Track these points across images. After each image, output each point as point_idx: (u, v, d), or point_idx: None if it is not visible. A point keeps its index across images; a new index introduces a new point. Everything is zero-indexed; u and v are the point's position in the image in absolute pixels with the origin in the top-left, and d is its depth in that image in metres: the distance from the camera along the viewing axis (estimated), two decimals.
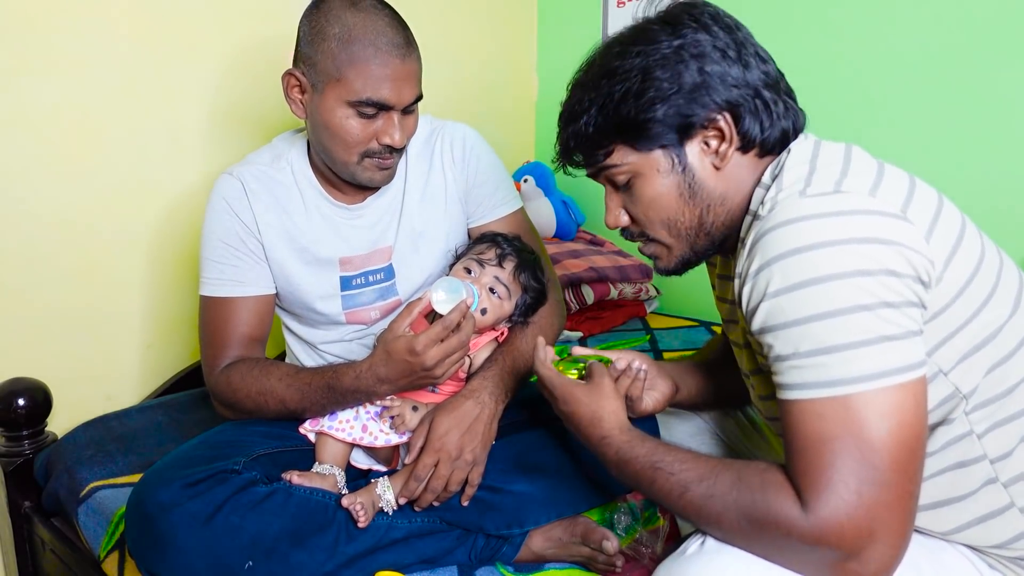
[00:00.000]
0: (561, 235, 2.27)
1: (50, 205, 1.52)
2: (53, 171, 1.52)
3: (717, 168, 0.88)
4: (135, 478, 1.29)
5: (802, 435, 0.73)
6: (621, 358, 1.06)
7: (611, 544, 1.07)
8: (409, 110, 1.17)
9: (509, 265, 1.19)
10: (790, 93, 0.91)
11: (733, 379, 1.16)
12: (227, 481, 1.03)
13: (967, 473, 0.82)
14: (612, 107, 0.87)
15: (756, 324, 0.78)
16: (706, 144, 0.87)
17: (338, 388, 1.11)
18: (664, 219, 0.90)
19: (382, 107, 1.12)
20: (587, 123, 0.89)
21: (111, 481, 1.33)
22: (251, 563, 0.99)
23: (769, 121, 0.87)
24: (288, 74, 1.17)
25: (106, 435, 1.48)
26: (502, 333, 1.22)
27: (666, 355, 1.84)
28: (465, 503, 1.11)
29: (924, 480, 0.78)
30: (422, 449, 1.09)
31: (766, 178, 0.86)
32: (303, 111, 1.19)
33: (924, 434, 0.73)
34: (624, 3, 2.25)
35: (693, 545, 0.80)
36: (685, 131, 0.86)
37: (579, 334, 2.00)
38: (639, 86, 0.85)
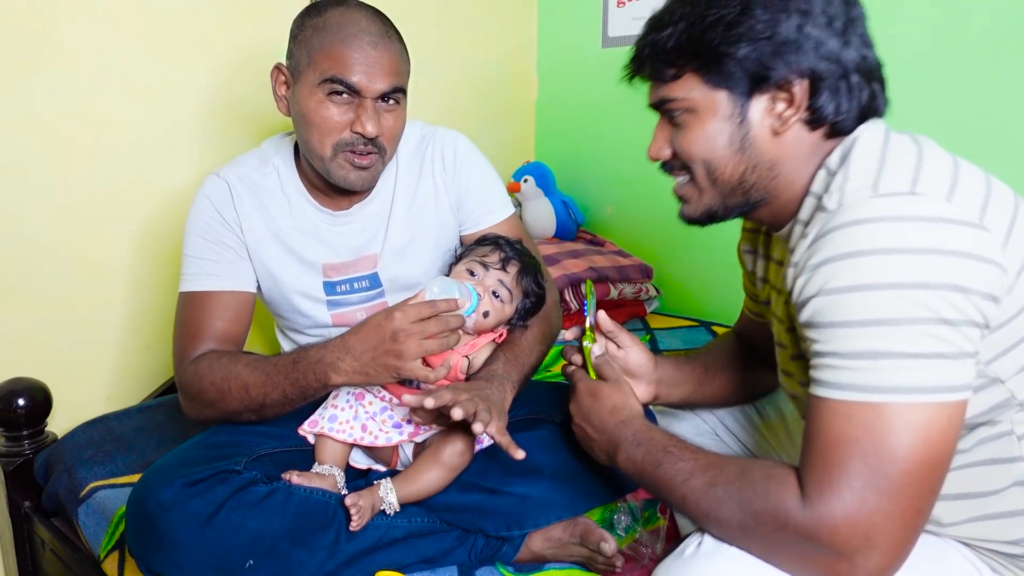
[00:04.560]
0: (561, 235, 2.27)
1: (50, 205, 1.52)
2: (52, 171, 1.52)
3: (776, 133, 0.84)
4: (135, 478, 1.29)
5: (824, 432, 0.73)
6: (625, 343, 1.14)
7: (609, 546, 1.07)
8: (388, 106, 1.15)
9: (512, 269, 1.19)
10: (883, 84, 0.87)
11: (730, 381, 1.17)
12: (227, 480, 1.03)
13: (998, 471, 0.81)
14: (700, 28, 0.82)
15: (804, 316, 0.76)
16: (773, 104, 0.84)
17: (302, 360, 1.07)
18: (707, 160, 0.87)
19: (350, 89, 1.11)
20: (670, 35, 0.84)
21: (111, 481, 1.34)
22: (251, 562, 1.00)
23: (848, 105, 0.83)
24: (275, 68, 1.19)
25: (106, 435, 1.48)
26: (500, 335, 1.22)
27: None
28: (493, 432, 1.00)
29: (950, 472, 0.76)
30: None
31: (832, 162, 0.83)
32: (286, 107, 1.19)
33: (949, 455, 0.72)
34: (624, 3, 2.25)
35: (691, 546, 0.80)
36: (758, 82, 0.82)
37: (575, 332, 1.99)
38: (734, 16, 0.82)
